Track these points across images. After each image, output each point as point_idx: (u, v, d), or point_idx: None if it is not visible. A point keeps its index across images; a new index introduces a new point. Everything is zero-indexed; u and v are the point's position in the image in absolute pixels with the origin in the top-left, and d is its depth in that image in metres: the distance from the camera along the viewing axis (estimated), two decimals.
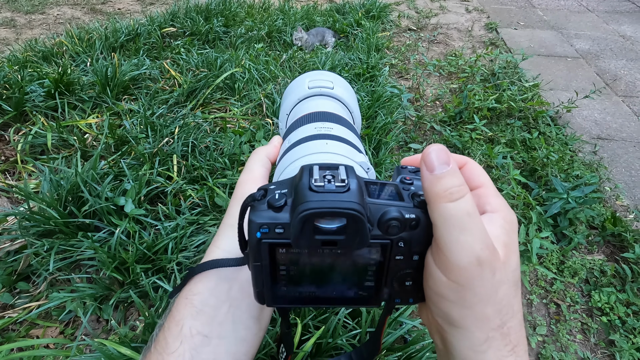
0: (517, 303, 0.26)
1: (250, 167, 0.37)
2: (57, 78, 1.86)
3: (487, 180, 0.29)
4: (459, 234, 0.23)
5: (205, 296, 0.30)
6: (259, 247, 0.25)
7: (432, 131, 2.07)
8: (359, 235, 0.24)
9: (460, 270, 0.23)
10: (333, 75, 0.49)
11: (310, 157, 0.35)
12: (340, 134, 0.39)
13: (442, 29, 3.39)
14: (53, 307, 1.12)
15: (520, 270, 0.27)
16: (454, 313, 0.25)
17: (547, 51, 3.07)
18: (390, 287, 0.28)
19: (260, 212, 0.25)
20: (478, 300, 0.24)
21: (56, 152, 1.62)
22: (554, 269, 1.41)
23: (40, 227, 1.21)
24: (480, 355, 0.25)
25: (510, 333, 0.25)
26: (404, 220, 0.25)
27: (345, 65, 2.35)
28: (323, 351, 0.91)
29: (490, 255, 0.24)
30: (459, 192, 0.23)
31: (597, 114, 2.33)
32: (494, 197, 0.28)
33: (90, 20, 3.18)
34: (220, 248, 0.32)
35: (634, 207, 1.69)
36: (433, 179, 0.24)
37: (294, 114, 0.45)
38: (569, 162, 1.83)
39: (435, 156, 0.24)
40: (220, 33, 2.72)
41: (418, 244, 0.26)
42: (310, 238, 0.24)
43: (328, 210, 0.22)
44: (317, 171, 0.25)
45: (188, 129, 1.69)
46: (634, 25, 3.67)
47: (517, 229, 0.27)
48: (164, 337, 0.30)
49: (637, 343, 1.21)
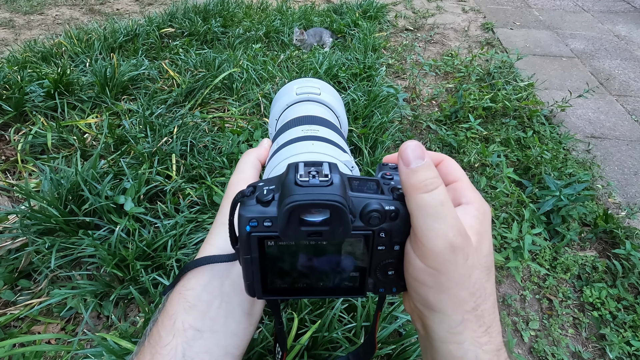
0: (489, 287, 0.28)
1: (241, 168, 0.38)
2: (56, 78, 1.87)
3: (463, 175, 0.31)
4: (434, 222, 0.25)
5: (198, 291, 0.32)
6: (249, 240, 0.26)
7: (428, 130, 2.09)
8: (342, 226, 0.25)
9: (436, 256, 0.25)
10: (320, 82, 0.52)
11: (297, 157, 0.37)
12: (326, 135, 0.41)
13: (439, 29, 3.41)
14: (54, 303, 1.14)
15: (493, 256, 0.29)
16: (431, 297, 0.27)
17: (542, 51, 3.10)
18: (374, 277, 0.30)
19: (249, 207, 0.26)
20: (453, 285, 0.26)
21: (56, 151, 1.63)
22: (547, 265, 1.44)
23: (41, 225, 1.23)
24: (456, 336, 0.27)
25: (484, 315, 0.27)
26: (384, 211, 0.26)
27: (342, 65, 2.38)
28: (319, 345, 0.93)
29: (463, 241, 0.26)
30: (433, 184, 0.25)
31: (591, 113, 2.35)
32: (468, 191, 0.30)
33: (89, 20, 3.20)
34: (214, 245, 0.34)
35: (625, 204, 1.71)
36: (409, 172, 0.26)
37: (282, 119, 0.48)
38: (562, 160, 1.86)
39: (411, 152, 0.26)
40: (218, 33, 2.74)
41: (398, 234, 0.28)
42: (296, 230, 0.25)
43: (312, 202, 0.24)
44: (302, 167, 0.26)
45: (187, 128, 1.71)
46: (628, 25, 3.70)
47: (490, 219, 0.30)
48: (157, 331, 0.31)
49: (627, 337, 1.24)
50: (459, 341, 0.27)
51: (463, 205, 0.29)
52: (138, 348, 0.33)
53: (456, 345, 0.27)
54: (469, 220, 0.28)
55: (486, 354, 0.27)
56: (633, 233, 1.52)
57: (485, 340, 0.27)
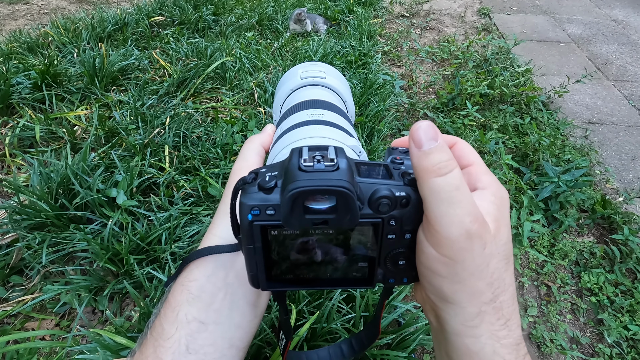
0: (508, 277, 0.26)
1: (244, 155, 0.37)
2: (43, 69, 1.82)
3: (477, 158, 0.29)
4: (448, 208, 0.23)
5: (201, 283, 0.30)
6: (251, 229, 0.25)
7: (425, 118, 2.07)
8: (350, 214, 0.24)
9: (451, 244, 0.23)
10: (325, 65, 0.49)
11: (301, 142, 0.35)
12: (332, 119, 0.39)
13: (435, 15, 3.36)
14: (47, 299, 1.12)
15: (511, 244, 0.27)
16: (445, 288, 0.25)
17: (539, 36, 3.07)
18: (384, 267, 0.28)
19: (251, 195, 0.24)
20: (469, 274, 0.24)
21: (45, 145, 1.59)
22: (545, 251, 1.44)
23: (32, 220, 1.20)
24: (473, 329, 0.25)
25: (502, 307, 0.25)
26: (394, 198, 0.25)
27: (337, 52, 2.33)
28: (318, 336, 0.92)
29: (480, 228, 0.24)
30: (447, 167, 0.23)
31: (588, 98, 2.34)
32: (484, 174, 0.28)
33: (76, 10, 3.11)
34: (216, 235, 0.32)
35: (623, 189, 1.71)
36: (421, 154, 0.24)
37: (287, 104, 0.46)
38: (560, 146, 1.85)
39: (423, 133, 0.24)
40: (209, 22, 2.68)
41: (409, 222, 0.26)
42: (300, 218, 0.24)
43: (317, 188, 0.22)
44: (306, 152, 0.24)
45: (179, 119, 1.67)
46: (625, 9, 3.66)
47: (508, 204, 0.28)
48: (159, 323, 0.30)
49: (624, 321, 1.24)
50: (476, 335, 0.25)
51: (479, 190, 0.27)
52: (140, 340, 0.32)
53: (472, 339, 0.25)
54: (486, 205, 0.26)
55: (504, 348, 0.25)
56: (631, 218, 1.52)
57: (503, 334, 0.25)
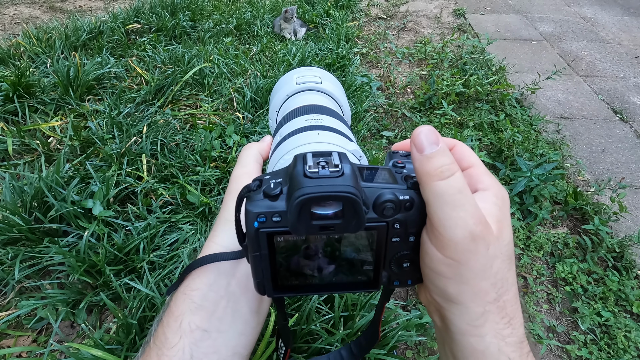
0: (511, 276, 0.26)
1: (243, 161, 0.37)
2: (15, 81, 1.78)
3: (477, 160, 0.30)
4: (452, 211, 0.24)
5: (204, 291, 0.31)
6: (257, 236, 0.25)
7: (404, 118, 2.10)
8: (356, 219, 0.24)
9: (455, 246, 0.24)
10: (321, 70, 0.50)
11: (303, 148, 0.35)
12: (331, 124, 0.39)
13: (412, 16, 3.42)
14: (23, 315, 1.10)
15: (513, 244, 0.27)
16: (450, 289, 0.26)
17: (512, 35, 3.15)
18: (388, 270, 0.29)
19: (256, 202, 0.25)
20: (473, 275, 0.25)
21: (18, 157, 1.56)
22: (521, 244, 1.48)
23: (4, 235, 1.17)
24: (477, 329, 0.26)
25: (506, 306, 0.26)
26: (398, 201, 0.25)
27: (315, 56, 2.35)
28: (298, 337, 0.93)
29: (484, 229, 0.24)
30: (449, 170, 0.24)
31: (560, 94, 2.41)
32: (485, 176, 0.29)
33: (49, 19, 3.05)
34: (217, 243, 0.32)
35: (594, 181, 1.77)
36: (423, 159, 0.24)
37: (283, 110, 0.45)
38: (533, 141, 1.90)
39: (424, 137, 0.25)
40: (187, 28, 2.66)
41: (413, 224, 0.26)
42: (307, 224, 0.24)
43: (324, 194, 0.23)
44: (310, 158, 0.25)
45: (157, 127, 1.66)
46: (593, 7, 3.80)
47: (509, 205, 0.28)
48: (163, 332, 0.30)
49: (597, 308, 1.29)
50: (481, 334, 0.26)
51: (480, 192, 0.28)
52: (143, 349, 0.32)
53: (477, 338, 0.26)
54: (488, 207, 0.26)
55: (509, 346, 0.26)
56: (601, 208, 1.58)
57: (507, 333, 0.26)
